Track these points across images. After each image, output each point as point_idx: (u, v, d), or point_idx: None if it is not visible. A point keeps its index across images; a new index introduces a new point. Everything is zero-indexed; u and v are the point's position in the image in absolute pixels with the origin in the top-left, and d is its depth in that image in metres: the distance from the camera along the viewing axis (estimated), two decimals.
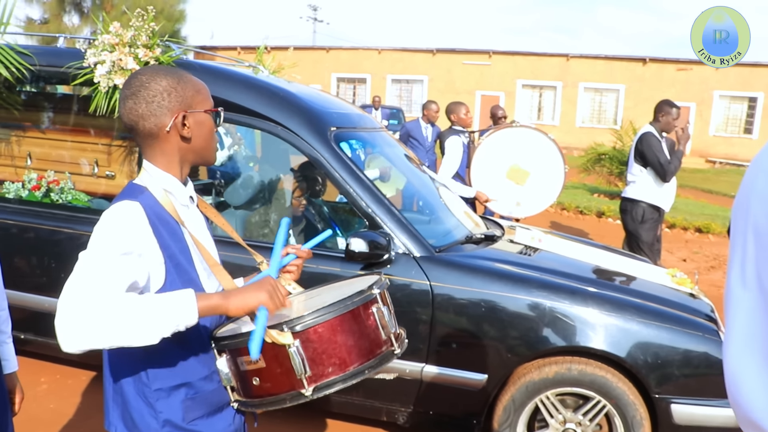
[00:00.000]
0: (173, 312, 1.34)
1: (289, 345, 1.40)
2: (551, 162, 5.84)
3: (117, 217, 1.42)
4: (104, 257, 1.36)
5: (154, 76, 1.51)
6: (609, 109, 29.01)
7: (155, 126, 1.51)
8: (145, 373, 1.50)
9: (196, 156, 1.58)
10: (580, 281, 3.24)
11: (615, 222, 11.64)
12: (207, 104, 1.57)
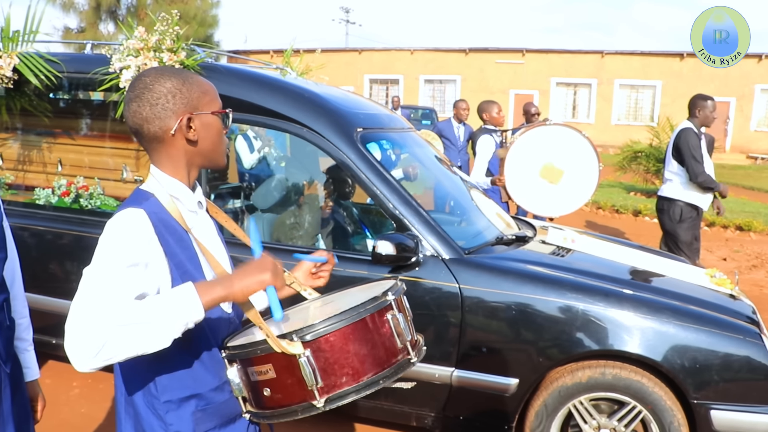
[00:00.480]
0: (177, 310, 1.30)
1: (299, 355, 1.34)
2: (585, 160, 5.70)
3: (121, 227, 1.38)
4: (109, 271, 1.32)
5: (158, 78, 1.47)
6: (645, 106, 28.48)
7: (160, 129, 1.46)
8: (153, 384, 1.46)
9: (204, 159, 1.53)
10: (614, 283, 3.14)
11: (652, 221, 11.40)
12: (214, 105, 1.51)
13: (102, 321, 1.25)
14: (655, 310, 2.93)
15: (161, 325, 1.29)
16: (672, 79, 27.60)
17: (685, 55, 27.40)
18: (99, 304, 1.28)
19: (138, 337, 1.27)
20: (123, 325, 1.26)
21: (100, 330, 1.25)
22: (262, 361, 1.38)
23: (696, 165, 5.43)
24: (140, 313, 1.28)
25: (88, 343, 1.25)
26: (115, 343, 1.26)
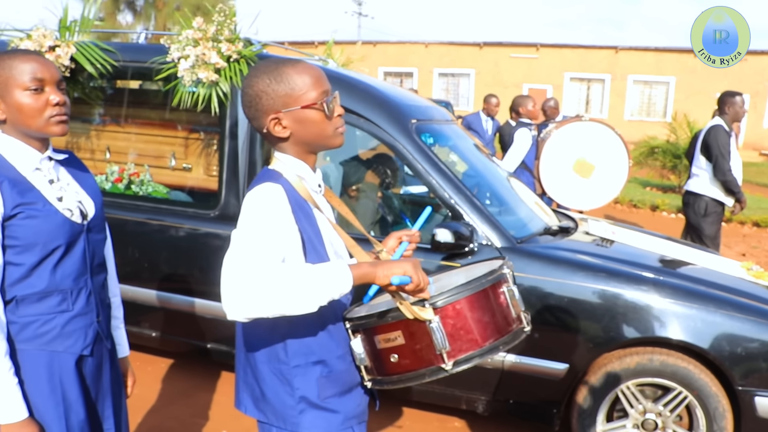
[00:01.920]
0: (331, 280, 1.40)
1: (430, 320, 1.45)
2: (616, 156, 5.83)
3: (264, 198, 1.49)
4: (258, 232, 1.43)
5: (250, 80, 1.57)
6: (659, 102, 28.43)
7: (258, 127, 1.60)
8: (284, 350, 1.57)
9: (311, 147, 1.62)
10: (660, 272, 3.23)
11: (669, 216, 11.47)
12: (305, 99, 1.55)
13: (259, 276, 1.36)
14: (701, 300, 3.01)
15: (313, 290, 1.38)
16: (686, 75, 27.53)
17: None
18: (251, 261, 1.38)
19: (290, 296, 1.37)
20: (279, 283, 1.36)
21: (255, 283, 1.35)
22: (391, 329, 1.49)
23: (723, 163, 5.52)
24: (296, 276, 1.38)
25: (246, 294, 1.35)
26: (270, 298, 1.36)
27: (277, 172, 1.58)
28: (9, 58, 1.70)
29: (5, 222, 1.64)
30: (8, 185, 1.65)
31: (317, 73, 1.58)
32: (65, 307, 1.74)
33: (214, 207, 3.54)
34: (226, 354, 3.56)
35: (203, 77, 3.41)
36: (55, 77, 1.73)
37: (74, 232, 1.76)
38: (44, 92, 1.71)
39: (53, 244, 1.70)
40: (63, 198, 1.77)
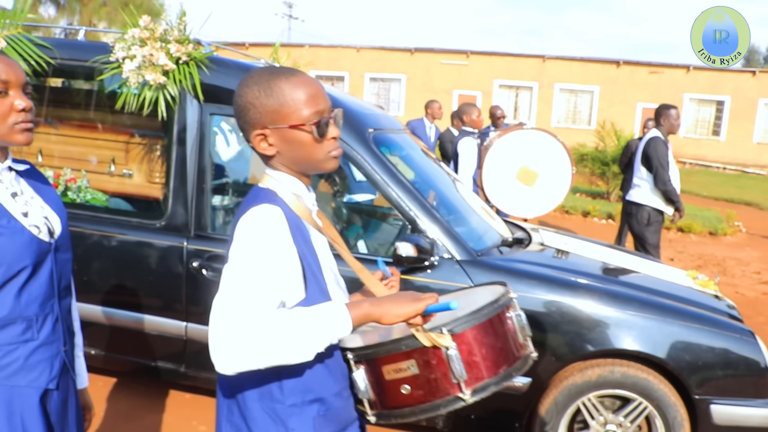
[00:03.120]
0: (328, 325, 1.29)
1: (447, 348, 1.37)
2: (559, 164, 5.89)
3: (261, 223, 1.34)
4: (254, 271, 1.29)
5: (240, 90, 1.43)
6: (584, 110, 29.33)
7: (246, 139, 1.47)
8: (279, 388, 1.42)
9: (299, 166, 1.46)
10: (617, 284, 3.26)
11: (600, 221, 11.79)
12: (295, 117, 1.39)
13: (251, 327, 1.23)
14: (659, 311, 3.05)
15: (309, 339, 1.27)
16: (609, 85, 28.54)
17: (621, 62, 28.42)
18: (247, 308, 1.25)
19: (286, 347, 1.26)
20: (272, 334, 1.24)
21: (249, 336, 1.23)
22: (404, 357, 1.39)
23: (663, 173, 5.68)
24: (290, 324, 1.26)
25: (235, 347, 1.23)
26: (262, 351, 1.24)
27: (271, 191, 1.44)
28: None
29: None
30: None
31: (314, 90, 1.42)
32: (29, 336, 1.55)
33: (159, 217, 3.34)
34: (175, 372, 3.37)
35: (150, 79, 3.21)
36: (21, 80, 1.54)
37: (41, 252, 1.57)
38: (8, 96, 1.52)
39: (18, 265, 1.51)
40: (28, 213, 1.58)
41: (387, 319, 1.34)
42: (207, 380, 3.37)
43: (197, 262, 3.17)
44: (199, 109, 3.29)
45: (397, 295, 1.39)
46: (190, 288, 3.20)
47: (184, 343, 3.28)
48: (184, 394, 3.76)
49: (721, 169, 26.40)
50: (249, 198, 1.45)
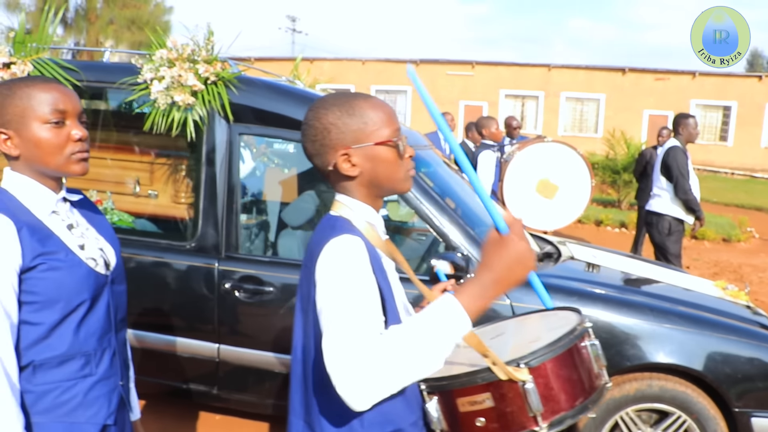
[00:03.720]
0: (446, 326, 1.24)
1: (524, 381, 1.34)
2: (579, 176, 5.88)
3: (348, 254, 1.32)
4: (355, 300, 1.27)
5: (317, 113, 1.42)
6: (590, 118, 29.34)
7: (322, 164, 1.45)
8: (359, 421, 1.39)
9: (379, 189, 1.46)
10: (652, 298, 3.23)
11: (613, 230, 11.75)
12: (380, 135, 1.41)
13: (374, 355, 1.20)
14: (696, 324, 3.02)
15: (436, 346, 1.23)
16: (615, 93, 28.56)
17: (627, 70, 28.43)
18: (364, 338, 1.22)
19: (413, 363, 1.22)
20: (396, 355, 1.21)
21: (375, 365, 1.20)
22: (480, 390, 1.37)
23: (684, 182, 5.65)
24: (409, 337, 1.23)
25: (365, 381, 1.19)
26: (392, 375, 1.21)
27: (346, 219, 1.42)
28: (26, 86, 1.48)
29: (23, 275, 1.42)
30: (27, 232, 1.43)
31: (390, 110, 1.45)
32: (88, 371, 1.53)
33: (189, 238, 3.32)
34: (207, 394, 3.34)
35: (179, 100, 3.21)
36: (77, 109, 1.53)
37: (99, 285, 1.55)
38: (65, 126, 1.50)
39: (77, 299, 1.49)
40: (85, 246, 1.56)
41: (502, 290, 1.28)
42: (239, 402, 3.35)
43: (229, 283, 3.16)
44: (228, 129, 3.29)
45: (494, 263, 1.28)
46: (222, 309, 3.18)
47: (216, 365, 3.26)
48: (214, 416, 3.73)
49: (730, 175, 26.33)
50: (325, 227, 1.42)
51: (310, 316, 1.41)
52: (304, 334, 1.46)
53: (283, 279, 3.15)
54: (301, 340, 1.48)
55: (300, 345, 1.48)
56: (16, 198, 1.49)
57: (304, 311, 1.46)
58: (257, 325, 3.19)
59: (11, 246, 1.41)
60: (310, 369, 1.44)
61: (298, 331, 1.49)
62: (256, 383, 3.27)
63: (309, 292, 1.39)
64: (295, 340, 1.50)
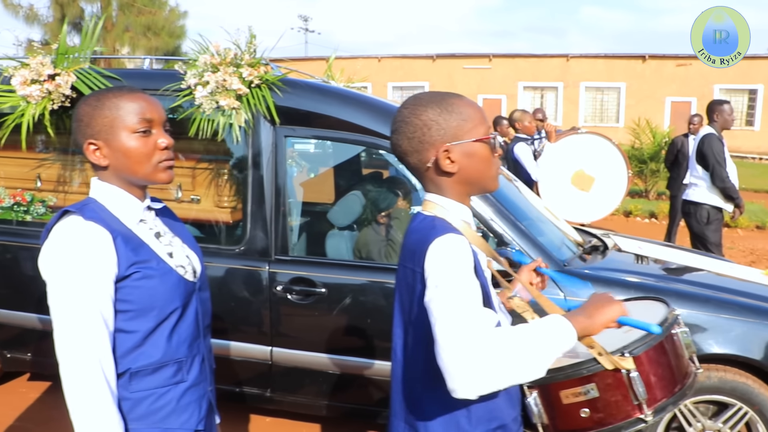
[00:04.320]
0: (558, 339, 1.27)
1: (630, 370, 1.39)
2: (615, 167, 5.84)
3: (456, 252, 1.32)
4: (467, 296, 1.27)
5: (415, 110, 1.43)
6: (611, 108, 29.09)
7: (418, 162, 1.45)
8: (467, 418, 1.41)
9: (471, 187, 1.48)
10: (706, 288, 3.18)
11: (643, 221, 11.64)
12: (477, 132, 1.43)
13: (490, 349, 1.21)
14: (754, 313, 2.97)
15: (543, 354, 1.25)
16: (635, 81, 28.27)
17: (647, 57, 28.09)
18: (479, 331, 1.22)
19: (523, 364, 1.23)
20: (509, 353, 1.22)
21: (490, 358, 1.20)
22: (584, 382, 1.41)
23: (720, 170, 5.57)
24: (523, 341, 1.24)
25: (479, 370, 1.19)
26: (504, 371, 1.21)
27: (442, 219, 1.43)
28: (114, 96, 1.50)
29: (118, 283, 1.44)
30: (122, 241, 1.45)
31: (481, 108, 1.47)
32: (180, 377, 1.55)
33: (238, 242, 3.33)
34: (260, 397, 3.36)
35: (224, 104, 3.22)
36: (163, 117, 1.55)
37: (188, 292, 1.57)
38: (152, 134, 1.52)
39: (170, 307, 1.51)
40: (173, 254, 1.57)
41: (597, 327, 1.34)
42: (292, 404, 3.36)
43: (281, 286, 3.16)
44: (273, 131, 3.30)
45: (593, 302, 1.38)
46: (274, 312, 3.19)
47: (269, 368, 3.27)
48: (265, 418, 3.75)
49: (757, 160, 25.96)
50: (424, 227, 1.42)
51: (413, 315, 1.42)
52: (405, 334, 1.47)
53: (334, 279, 3.15)
54: (401, 340, 1.49)
55: (400, 345, 1.49)
56: (106, 207, 1.50)
57: (403, 311, 1.47)
58: (310, 327, 3.20)
59: (108, 255, 1.43)
60: (414, 369, 1.45)
61: (397, 331, 1.50)
62: (309, 385, 3.28)
63: (410, 292, 1.40)
64: (395, 340, 1.51)
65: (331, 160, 4.92)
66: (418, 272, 1.36)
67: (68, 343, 1.39)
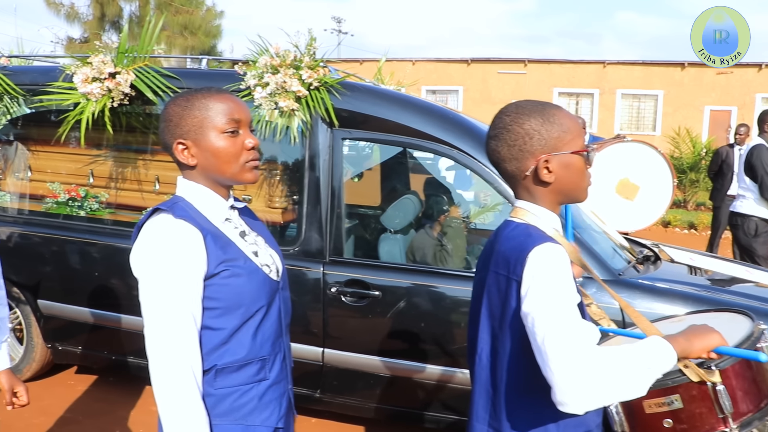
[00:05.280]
0: (660, 361, 1.29)
1: (716, 383, 1.38)
2: (660, 176, 5.76)
3: (558, 262, 1.34)
4: (572, 306, 1.29)
5: (517, 118, 1.45)
6: (647, 116, 28.67)
7: (516, 169, 1.47)
8: (555, 425, 1.42)
9: (563, 197, 1.50)
10: (764, 301, 3.13)
11: (682, 231, 11.48)
12: (575, 144, 1.45)
13: (600, 365, 1.23)
14: None
15: (647, 374, 1.27)
16: (673, 88, 27.82)
17: (687, 64, 27.62)
18: (588, 346, 1.24)
19: (629, 383, 1.25)
20: (617, 371, 1.24)
21: (601, 374, 1.22)
22: (669, 392, 1.42)
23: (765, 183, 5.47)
24: (630, 360, 1.26)
25: (591, 387, 1.22)
26: (613, 388, 1.24)
27: (537, 227, 1.44)
28: (204, 97, 1.52)
29: (206, 281, 1.46)
30: (211, 239, 1.47)
31: (578, 121, 1.47)
32: (263, 375, 1.57)
33: (293, 243, 3.35)
34: (309, 398, 3.38)
35: (283, 106, 3.25)
36: (249, 118, 1.57)
37: (272, 291, 1.59)
38: (240, 135, 1.53)
39: (256, 305, 1.53)
40: (258, 252, 1.59)
41: (694, 352, 1.35)
42: (342, 405, 3.38)
43: (335, 287, 3.18)
44: (330, 133, 3.32)
45: (692, 330, 1.39)
46: (327, 314, 3.21)
47: (320, 368, 3.29)
48: (310, 419, 3.77)
49: None
50: (518, 234, 1.44)
51: (505, 322, 1.42)
52: (493, 340, 1.48)
53: (389, 282, 3.16)
54: (489, 345, 1.49)
55: (487, 351, 1.50)
56: (194, 206, 1.52)
57: (492, 317, 1.48)
58: (363, 329, 3.21)
59: (199, 253, 1.45)
60: (503, 374, 1.45)
61: (483, 336, 1.50)
62: (359, 387, 3.29)
63: (502, 299, 1.41)
64: (480, 346, 1.52)
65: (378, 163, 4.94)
66: (514, 280, 1.37)
67: (160, 341, 1.41)
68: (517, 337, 1.38)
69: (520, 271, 1.36)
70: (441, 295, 3.15)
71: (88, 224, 3.93)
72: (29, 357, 4.06)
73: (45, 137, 4.11)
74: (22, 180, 4.18)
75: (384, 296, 3.13)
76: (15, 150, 4.26)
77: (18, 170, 4.22)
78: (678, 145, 14.02)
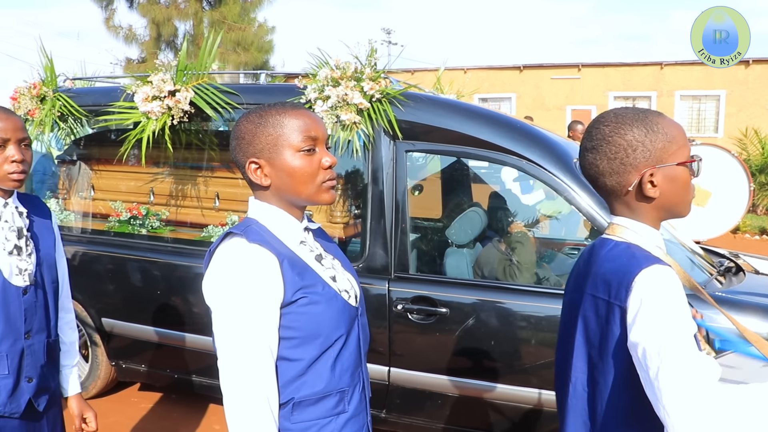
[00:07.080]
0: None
1: None
2: (734, 181, 5.49)
3: (671, 289, 1.23)
4: (689, 338, 1.18)
5: (618, 128, 1.32)
6: (709, 117, 27.74)
7: (617, 184, 1.34)
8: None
9: (666, 212, 1.37)
10: None
11: (753, 237, 11.01)
12: (680, 155, 1.33)
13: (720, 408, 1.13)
14: None
15: None
16: (737, 88, 26.83)
17: (751, 62, 26.62)
18: (709, 388, 1.14)
19: (749, 426, 1.13)
20: (740, 414, 1.14)
21: (720, 418, 1.12)
22: None
23: None
24: (753, 403, 1.15)
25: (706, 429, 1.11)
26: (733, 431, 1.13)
27: (639, 246, 1.32)
28: (278, 113, 1.43)
29: (283, 309, 1.37)
30: (288, 265, 1.38)
31: (683, 128, 1.36)
32: (341, 408, 1.47)
33: (358, 259, 3.27)
34: (375, 418, 3.28)
35: (345, 119, 3.18)
36: (325, 135, 1.47)
37: (352, 318, 1.49)
38: (316, 153, 1.44)
39: (335, 334, 1.43)
40: (336, 277, 1.49)
41: None
42: (408, 426, 3.27)
43: (401, 304, 3.08)
44: (393, 146, 3.23)
45: None
46: (393, 331, 3.11)
47: (386, 388, 3.19)
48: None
49: None
50: (620, 255, 1.32)
51: (605, 350, 1.31)
52: (590, 368, 1.37)
53: (456, 299, 3.05)
54: (585, 375, 1.38)
55: (583, 380, 1.39)
56: (268, 229, 1.44)
57: (590, 344, 1.36)
58: (430, 347, 3.10)
59: (275, 280, 1.36)
60: (602, 406, 1.34)
61: (578, 365, 1.39)
62: (427, 407, 3.17)
63: (602, 325, 1.31)
64: (574, 374, 1.41)
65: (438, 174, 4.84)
66: (617, 305, 1.25)
67: (234, 374, 1.33)
68: (622, 368, 1.27)
69: (624, 296, 1.24)
70: (510, 312, 3.01)
71: (150, 242, 3.94)
72: (94, 374, 4.09)
73: (107, 156, 4.15)
74: (86, 199, 4.23)
75: (452, 313, 3.01)
76: (78, 170, 4.31)
77: (81, 190, 4.28)
78: (745, 146, 13.46)
